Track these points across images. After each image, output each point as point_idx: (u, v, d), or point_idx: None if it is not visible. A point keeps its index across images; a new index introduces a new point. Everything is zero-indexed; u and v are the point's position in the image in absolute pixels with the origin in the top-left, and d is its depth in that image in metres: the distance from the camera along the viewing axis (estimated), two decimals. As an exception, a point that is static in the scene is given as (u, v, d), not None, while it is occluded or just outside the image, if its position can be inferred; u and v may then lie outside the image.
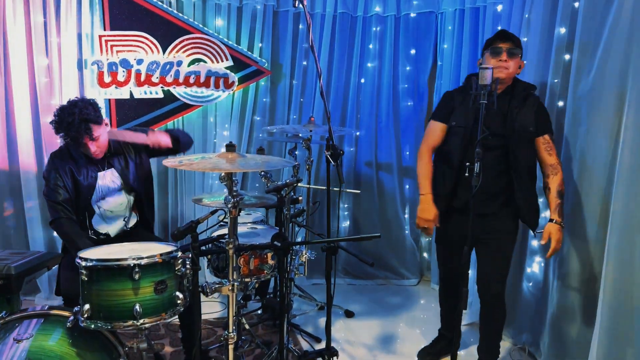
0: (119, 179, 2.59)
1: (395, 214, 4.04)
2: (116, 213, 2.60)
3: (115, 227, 2.61)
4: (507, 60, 2.38)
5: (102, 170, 2.56)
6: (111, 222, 2.59)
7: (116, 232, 2.62)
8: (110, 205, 2.58)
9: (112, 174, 2.58)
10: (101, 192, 2.55)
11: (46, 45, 3.33)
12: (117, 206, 2.59)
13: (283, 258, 2.18)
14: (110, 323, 1.79)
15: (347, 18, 3.80)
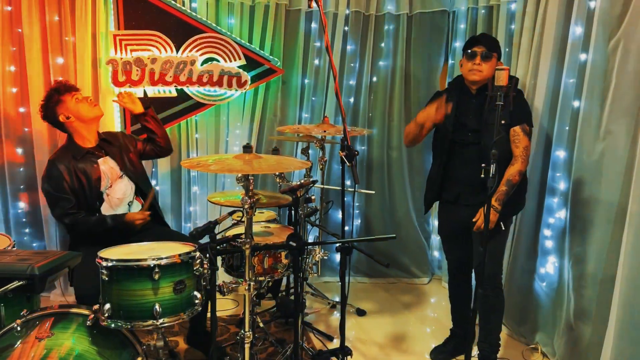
0: (116, 165, 2.77)
1: (406, 213, 4.04)
2: (123, 200, 2.75)
3: None
4: (480, 64, 2.52)
5: (99, 157, 2.75)
6: (118, 210, 2.73)
7: None
8: (117, 192, 2.73)
9: (109, 160, 2.77)
10: (107, 178, 2.71)
11: (61, 44, 3.36)
12: (123, 193, 2.75)
13: (298, 258, 2.19)
14: (130, 322, 1.82)
15: (359, 16, 3.80)
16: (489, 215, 2.27)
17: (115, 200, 2.74)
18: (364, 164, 4.01)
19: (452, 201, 2.73)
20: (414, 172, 4.06)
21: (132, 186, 2.81)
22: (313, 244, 2.43)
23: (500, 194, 2.48)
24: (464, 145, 2.61)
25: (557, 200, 2.86)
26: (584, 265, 2.62)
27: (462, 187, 2.66)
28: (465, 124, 2.60)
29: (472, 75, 2.55)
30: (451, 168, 2.69)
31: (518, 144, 2.52)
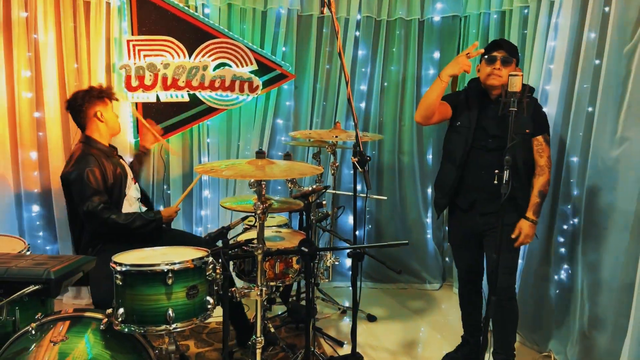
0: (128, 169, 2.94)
1: (418, 218, 4.03)
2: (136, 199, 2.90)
3: None
4: (500, 69, 2.48)
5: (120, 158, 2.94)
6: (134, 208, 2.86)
7: None
8: (133, 192, 2.87)
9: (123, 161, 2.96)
10: (129, 177, 2.86)
11: (76, 50, 3.40)
12: (136, 193, 2.92)
13: (310, 264, 2.19)
14: (143, 327, 1.83)
15: (370, 22, 3.80)
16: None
17: (133, 199, 2.86)
18: (375, 169, 4.01)
19: (465, 209, 2.66)
20: (425, 178, 4.04)
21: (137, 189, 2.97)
22: (325, 249, 2.43)
23: (536, 206, 2.50)
24: (484, 151, 2.55)
25: (570, 206, 2.83)
26: (599, 273, 2.59)
27: (479, 193, 2.60)
28: (486, 129, 2.55)
29: (491, 80, 2.49)
30: (467, 174, 2.61)
31: (542, 154, 2.51)
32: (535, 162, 2.53)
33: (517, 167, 2.45)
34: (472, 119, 2.57)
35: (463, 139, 2.59)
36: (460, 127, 2.61)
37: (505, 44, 2.54)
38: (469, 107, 2.61)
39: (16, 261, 1.81)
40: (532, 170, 2.55)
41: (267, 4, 3.63)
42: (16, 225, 3.48)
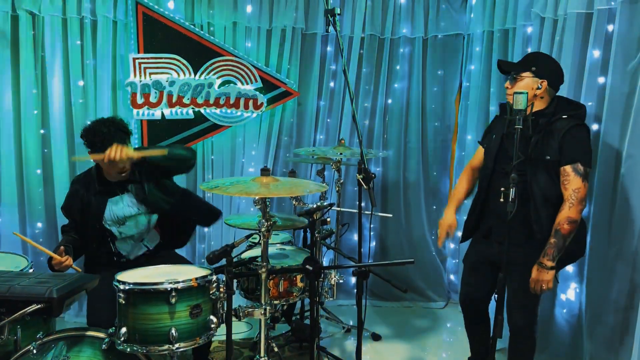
0: (134, 203, 2.54)
1: (422, 235, 4.00)
2: (137, 236, 2.59)
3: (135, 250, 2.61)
4: (509, 87, 2.39)
5: (115, 195, 2.52)
6: (131, 245, 2.60)
7: (136, 255, 2.62)
8: (129, 230, 2.55)
9: (128, 198, 2.54)
10: (115, 216, 2.52)
11: (82, 67, 3.43)
12: (137, 231, 2.57)
13: (314, 282, 2.17)
14: (146, 347, 1.81)
15: (374, 40, 3.83)
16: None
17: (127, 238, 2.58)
18: (380, 186, 3.99)
19: (485, 233, 2.51)
20: (430, 195, 4.03)
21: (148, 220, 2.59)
22: (330, 268, 2.40)
23: (549, 248, 2.20)
24: (504, 174, 2.34)
25: (577, 224, 2.80)
26: (607, 292, 2.55)
27: (495, 220, 2.42)
28: (508, 152, 2.33)
29: (508, 99, 2.40)
30: (490, 197, 2.47)
31: (567, 185, 2.22)
32: (561, 194, 2.25)
33: (535, 198, 2.27)
34: (495, 142, 2.46)
35: (486, 162, 2.52)
36: (487, 149, 2.54)
37: (503, 63, 2.47)
38: (494, 131, 2.54)
39: (19, 279, 1.80)
40: (557, 202, 2.26)
41: (272, 22, 3.67)
42: (20, 241, 3.47)
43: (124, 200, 2.53)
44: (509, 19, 3.39)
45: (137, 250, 2.62)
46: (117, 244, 2.57)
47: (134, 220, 2.55)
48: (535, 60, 2.40)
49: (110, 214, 2.51)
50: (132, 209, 2.54)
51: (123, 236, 2.56)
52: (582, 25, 2.75)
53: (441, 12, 3.85)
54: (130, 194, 2.53)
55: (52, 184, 3.48)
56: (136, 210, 2.55)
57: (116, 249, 2.58)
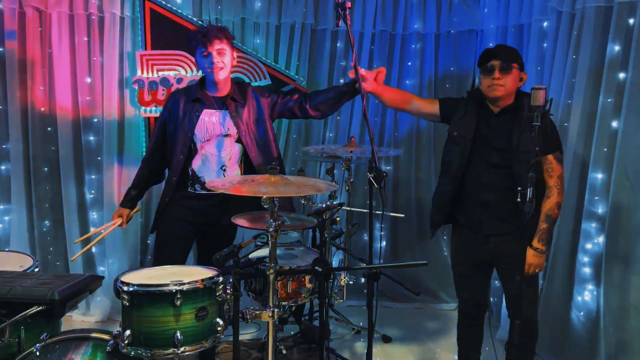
0: (227, 122, 2.52)
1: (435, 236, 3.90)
2: (216, 157, 2.53)
3: (212, 176, 2.53)
4: (500, 78, 2.28)
5: (211, 108, 2.53)
6: (208, 166, 2.53)
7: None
8: (211, 148, 2.53)
9: (222, 115, 2.53)
10: (206, 130, 2.51)
11: (89, 64, 3.40)
12: (219, 151, 2.53)
13: (324, 284, 2.11)
14: (150, 350, 1.76)
15: (386, 36, 3.76)
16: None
17: (208, 155, 2.54)
18: (391, 185, 3.93)
19: (472, 229, 2.43)
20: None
21: (232, 149, 2.56)
22: (339, 269, 2.35)
23: (542, 233, 2.26)
24: (486, 166, 2.34)
25: (594, 225, 2.72)
26: (626, 295, 2.48)
27: (483, 211, 2.38)
28: (490, 142, 2.34)
29: (493, 92, 2.30)
30: (468, 188, 2.41)
31: (552, 173, 2.29)
32: (545, 182, 2.30)
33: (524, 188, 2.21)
34: (470, 130, 2.37)
35: (459, 149, 2.40)
36: (458, 137, 2.42)
37: (500, 51, 2.33)
38: (466, 116, 2.42)
39: (21, 280, 1.76)
40: (542, 192, 2.30)
41: (281, 18, 3.61)
42: (27, 240, 3.46)
43: (219, 115, 2.53)
44: (524, 14, 3.30)
45: (215, 178, 2.53)
46: (196, 165, 2.53)
47: (220, 139, 2.53)
48: (516, 53, 2.37)
49: (202, 125, 2.51)
50: (223, 127, 2.53)
51: (204, 153, 2.52)
52: (602, 19, 2.67)
53: (454, 7, 3.77)
54: (226, 112, 2.53)
55: (59, 181, 3.45)
56: (226, 131, 2.53)
57: (194, 171, 2.53)
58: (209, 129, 2.52)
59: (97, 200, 3.53)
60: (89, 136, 3.45)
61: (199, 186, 2.55)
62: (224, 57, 2.47)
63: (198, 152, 2.53)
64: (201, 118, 2.51)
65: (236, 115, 2.53)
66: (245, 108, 2.57)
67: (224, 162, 2.55)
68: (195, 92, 2.55)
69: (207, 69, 2.47)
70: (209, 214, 2.56)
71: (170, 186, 2.57)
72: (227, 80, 2.55)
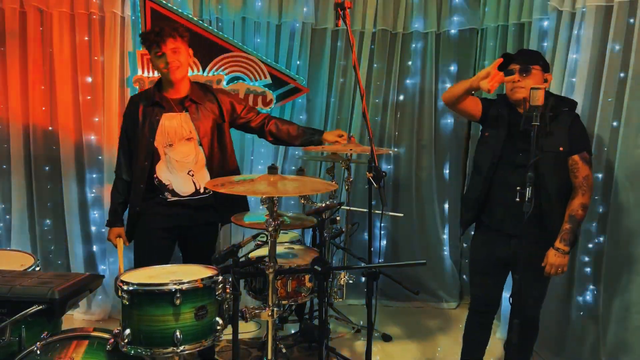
0: (189, 125, 2.47)
1: (435, 234, 3.93)
2: (182, 164, 2.49)
3: (180, 181, 2.49)
4: (520, 80, 2.31)
5: (171, 111, 2.47)
6: (174, 173, 2.49)
7: (184, 188, 2.51)
8: (176, 154, 2.48)
9: (183, 118, 2.47)
10: (167, 134, 2.46)
11: (90, 65, 3.40)
12: (184, 156, 2.48)
13: (323, 283, 2.12)
14: (150, 349, 1.77)
15: (386, 35, 3.75)
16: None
17: (174, 162, 2.50)
18: (391, 184, 3.93)
19: (494, 228, 2.45)
20: (442, 193, 3.95)
21: (197, 153, 2.51)
22: (339, 268, 2.35)
23: (565, 233, 2.27)
24: (512, 166, 2.36)
25: (595, 224, 2.72)
26: (626, 295, 2.47)
27: (505, 212, 2.39)
28: (515, 143, 2.35)
29: (515, 94, 2.34)
30: (494, 188, 2.44)
31: (577, 174, 2.29)
32: (572, 183, 2.32)
33: (547, 190, 2.28)
34: (502, 132, 2.41)
35: (491, 151, 2.44)
36: (489, 138, 2.47)
37: (518, 55, 2.38)
38: (498, 120, 2.46)
39: (21, 279, 1.77)
40: (568, 193, 2.33)
41: (282, 17, 3.61)
42: (28, 239, 3.47)
43: (179, 117, 2.48)
44: (524, 13, 3.30)
45: (183, 185, 2.50)
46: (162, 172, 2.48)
47: (182, 144, 2.48)
48: (537, 55, 2.41)
49: (162, 130, 2.45)
50: (185, 129, 2.48)
51: (168, 159, 2.47)
52: (602, 18, 2.67)
53: (454, 6, 3.77)
54: (186, 114, 2.48)
55: (60, 181, 3.46)
56: (188, 134, 2.48)
57: (159, 180, 2.48)
58: (169, 133, 2.46)
59: (98, 200, 3.53)
60: (90, 135, 3.46)
61: (168, 194, 2.50)
62: (179, 56, 2.42)
63: (162, 159, 2.48)
64: (161, 122, 2.45)
65: (197, 118, 2.48)
66: (206, 110, 2.52)
67: (189, 167, 2.50)
68: (153, 95, 2.49)
69: (162, 69, 2.42)
70: (185, 219, 2.52)
71: (137, 194, 2.51)
72: (184, 80, 2.50)
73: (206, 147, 2.52)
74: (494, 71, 2.21)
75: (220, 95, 2.61)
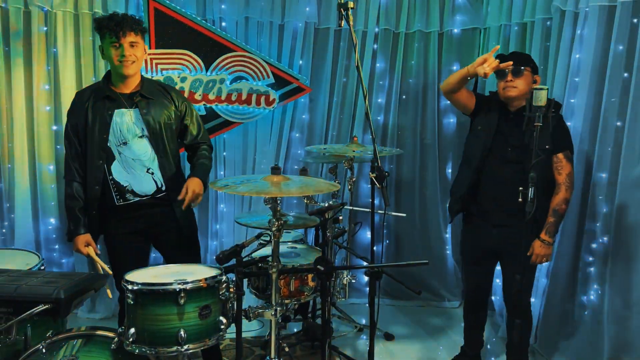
0: (141, 122, 2.34)
1: (437, 234, 3.93)
2: (138, 162, 2.35)
3: (140, 181, 2.35)
4: (513, 80, 2.46)
5: (123, 108, 2.33)
6: (132, 172, 2.35)
7: (144, 188, 2.36)
8: (131, 152, 2.34)
9: (134, 114, 2.34)
10: (120, 132, 2.32)
11: (94, 64, 3.42)
12: (140, 154, 2.35)
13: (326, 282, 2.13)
14: (154, 348, 1.78)
15: (389, 35, 3.75)
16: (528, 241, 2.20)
17: (130, 160, 2.35)
18: (393, 184, 3.93)
19: (480, 217, 2.62)
20: (445, 193, 3.94)
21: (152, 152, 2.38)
22: (341, 268, 2.36)
23: (550, 226, 2.42)
24: (502, 161, 2.51)
25: (599, 224, 2.72)
26: (630, 294, 2.48)
27: (492, 203, 2.56)
28: (506, 138, 2.51)
29: (507, 92, 2.48)
30: (483, 180, 2.58)
31: (561, 171, 2.45)
32: (555, 180, 2.47)
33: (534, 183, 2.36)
34: (492, 125, 2.54)
35: (481, 142, 2.56)
36: (480, 131, 2.59)
37: (512, 56, 2.50)
38: (489, 113, 2.59)
39: (27, 279, 1.78)
40: (550, 188, 2.48)
41: (285, 17, 3.62)
42: (32, 238, 3.48)
43: (130, 114, 2.34)
44: (527, 13, 3.29)
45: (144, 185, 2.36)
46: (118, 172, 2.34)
47: (137, 141, 2.34)
48: (527, 58, 2.55)
49: (114, 127, 2.31)
50: (137, 126, 2.34)
51: (124, 158, 2.33)
52: (605, 18, 2.67)
53: (457, 5, 3.76)
54: (137, 110, 2.34)
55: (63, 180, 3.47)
56: (141, 131, 2.34)
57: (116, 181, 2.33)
58: (122, 130, 2.33)
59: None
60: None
61: (130, 195, 2.35)
62: (137, 51, 2.29)
63: (116, 158, 2.34)
64: (114, 119, 2.32)
65: (147, 113, 2.34)
66: (157, 107, 2.37)
67: (147, 165, 2.36)
68: (103, 90, 2.35)
69: (115, 61, 2.27)
70: (154, 217, 2.41)
71: (94, 196, 2.34)
72: (136, 75, 2.37)
73: (157, 145, 2.37)
74: (491, 58, 2.36)
75: (176, 98, 2.46)
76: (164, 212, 2.42)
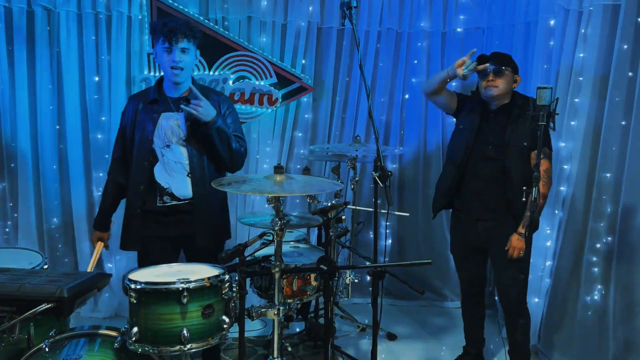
0: (183, 126, 2.37)
1: (440, 234, 3.92)
2: (179, 165, 2.38)
3: (179, 184, 2.38)
4: (494, 79, 2.53)
5: (170, 111, 2.38)
6: (173, 175, 2.38)
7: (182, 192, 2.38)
8: (173, 155, 2.37)
9: (180, 118, 2.38)
10: (165, 135, 2.36)
11: (97, 63, 3.42)
12: (181, 157, 2.38)
13: (329, 282, 2.12)
14: (157, 347, 1.78)
15: (392, 34, 3.75)
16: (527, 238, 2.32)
17: (172, 163, 2.38)
18: (396, 184, 3.92)
19: (464, 212, 2.70)
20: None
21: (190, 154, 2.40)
22: (344, 268, 2.36)
23: (526, 220, 2.43)
24: (483, 158, 2.59)
25: (604, 224, 2.71)
26: (634, 294, 2.47)
27: (474, 199, 2.65)
28: (488, 137, 2.59)
29: (488, 91, 2.54)
30: (465, 177, 2.66)
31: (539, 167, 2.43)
32: None
33: (512, 182, 2.48)
34: (474, 123, 2.62)
35: (464, 140, 2.64)
36: (463, 129, 2.68)
37: (493, 56, 2.58)
38: (471, 113, 2.67)
39: (30, 278, 1.78)
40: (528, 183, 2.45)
41: (287, 16, 3.62)
42: (36, 237, 3.49)
43: (179, 118, 2.38)
44: (530, 12, 3.29)
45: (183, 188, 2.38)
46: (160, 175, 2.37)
47: (181, 145, 2.37)
48: (508, 58, 2.62)
49: (160, 129, 2.36)
50: (184, 131, 2.37)
51: (166, 160, 2.37)
52: (609, 18, 2.66)
53: (460, 4, 3.76)
54: (183, 114, 2.37)
55: (67, 179, 3.49)
56: (184, 134, 2.37)
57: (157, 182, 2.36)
58: (167, 134, 2.37)
59: (105, 198, 3.55)
60: (97, 134, 3.48)
61: (168, 197, 2.38)
62: (187, 57, 2.34)
63: (159, 160, 2.38)
64: (159, 122, 2.36)
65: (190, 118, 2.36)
66: None
67: (189, 169, 2.39)
68: (153, 93, 2.41)
69: (167, 65, 2.32)
70: (187, 224, 2.41)
71: (137, 196, 2.39)
72: (186, 81, 2.40)
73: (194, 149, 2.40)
74: (468, 61, 2.51)
75: (223, 103, 2.49)
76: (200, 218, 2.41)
